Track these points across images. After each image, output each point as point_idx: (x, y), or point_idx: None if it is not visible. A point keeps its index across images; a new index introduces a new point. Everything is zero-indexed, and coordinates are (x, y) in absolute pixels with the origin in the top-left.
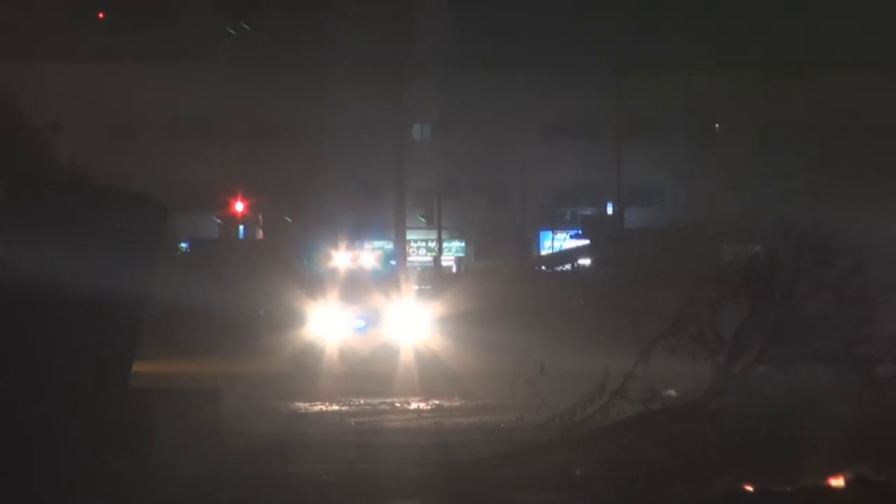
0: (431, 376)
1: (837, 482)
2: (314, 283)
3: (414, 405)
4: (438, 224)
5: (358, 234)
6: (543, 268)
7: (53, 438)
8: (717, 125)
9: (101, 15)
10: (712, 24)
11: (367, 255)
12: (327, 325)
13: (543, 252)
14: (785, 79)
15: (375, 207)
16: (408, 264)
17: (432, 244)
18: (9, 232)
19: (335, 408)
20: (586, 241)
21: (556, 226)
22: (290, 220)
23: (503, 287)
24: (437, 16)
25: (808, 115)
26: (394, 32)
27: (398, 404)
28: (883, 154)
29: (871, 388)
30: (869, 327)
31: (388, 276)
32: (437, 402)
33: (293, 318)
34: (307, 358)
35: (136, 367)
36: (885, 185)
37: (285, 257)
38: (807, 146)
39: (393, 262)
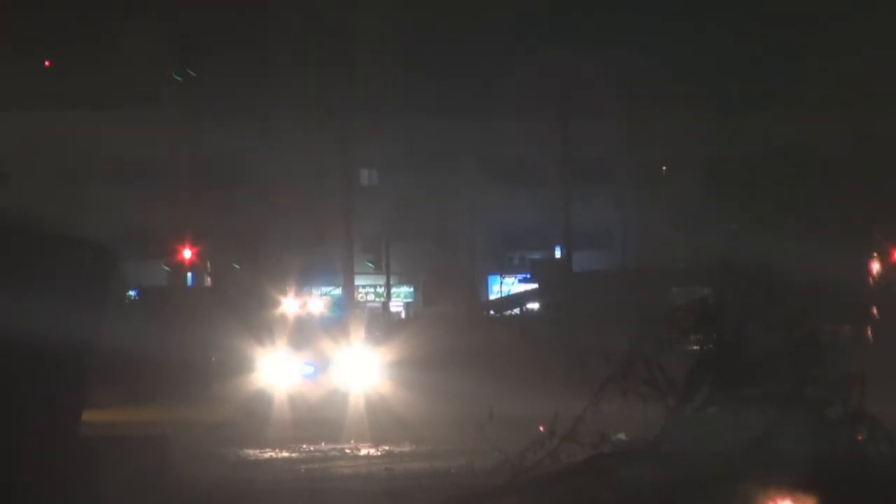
0: (381, 422)
1: None
2: (263, 330)
3: (364, 451)
4: (387, 269)
5: (306, 280)
6: (492, 312)
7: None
8: (664, 168)
9: (46, 63)
10: (658, 67)
11: (315, 301)
12: (276, 372)
13: (492, 296)
14: (731, 119)
15: (323, 253)
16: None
17: (381, 289)
18: None
19: (285, 454)
20: (535, 286)
21: (504, 270)
22: (237, 266)
23: (452, 332)
24: (383, 62)
25: (755, 155)
26: (341, 79)
27: (348, 450)
28: (831, 191)
29: (820, 430)
30: (818, 368)
31: (337, 322)
32: (387, 447)
33: (242, 365)
34: (256, 404)
35: (86, 415)
36: (832, 222)
37: (234, 304)
38: (754, 186)
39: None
